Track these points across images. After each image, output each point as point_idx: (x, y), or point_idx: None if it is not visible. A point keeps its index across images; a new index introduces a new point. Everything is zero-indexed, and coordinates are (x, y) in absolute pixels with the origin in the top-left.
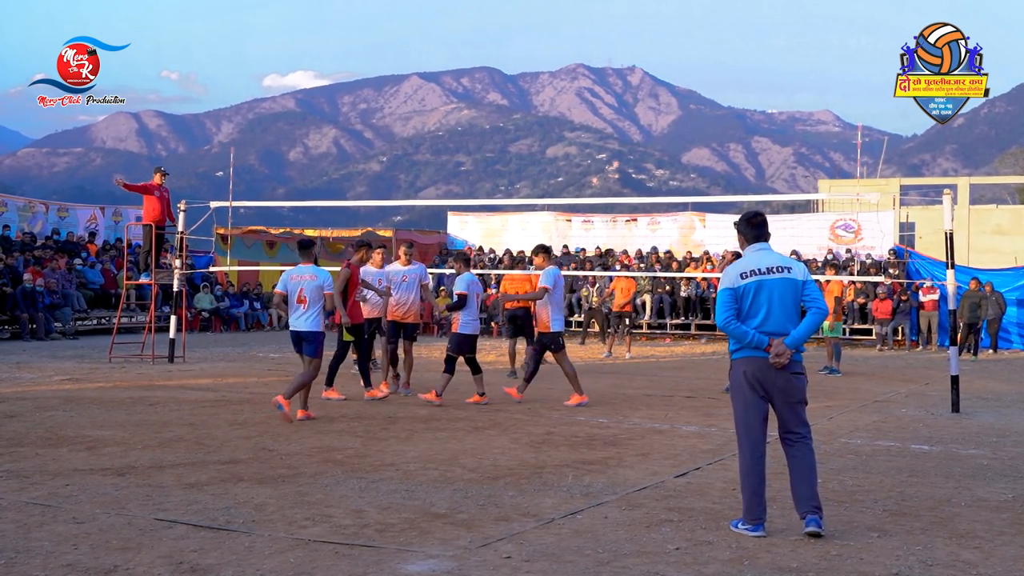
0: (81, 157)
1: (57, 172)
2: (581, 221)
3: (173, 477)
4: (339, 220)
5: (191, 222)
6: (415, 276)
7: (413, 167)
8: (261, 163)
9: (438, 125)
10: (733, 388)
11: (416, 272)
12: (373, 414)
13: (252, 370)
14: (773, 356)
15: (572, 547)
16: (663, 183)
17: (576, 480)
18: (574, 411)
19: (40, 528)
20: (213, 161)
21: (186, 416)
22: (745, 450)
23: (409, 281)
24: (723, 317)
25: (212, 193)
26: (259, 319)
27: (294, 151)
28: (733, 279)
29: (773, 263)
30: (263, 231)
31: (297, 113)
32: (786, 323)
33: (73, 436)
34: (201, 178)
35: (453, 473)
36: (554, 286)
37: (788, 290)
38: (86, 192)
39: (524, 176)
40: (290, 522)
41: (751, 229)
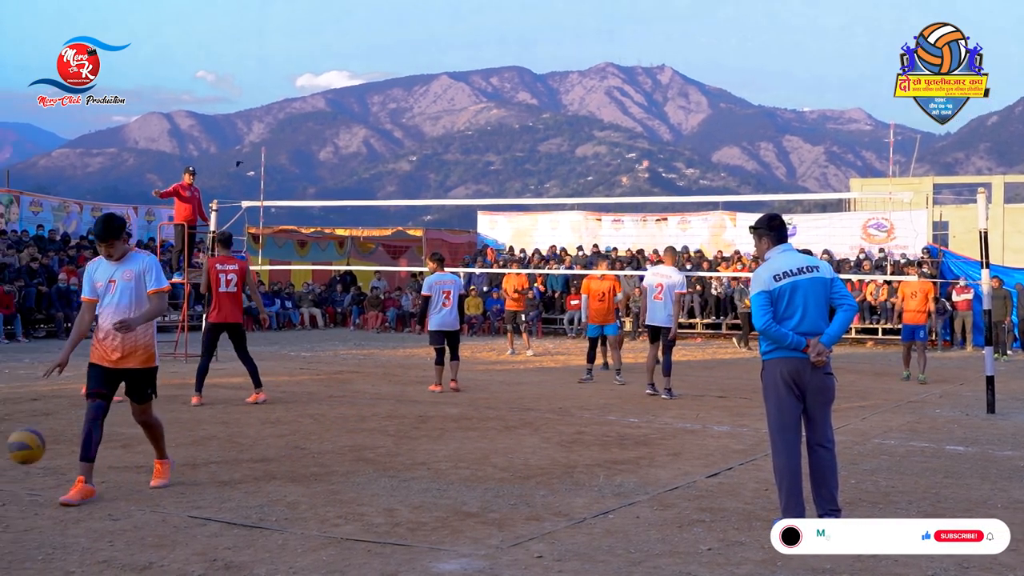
0: (114, 157)
1: (91, 172)
2: (611, 221)
3: (206, 475)
4: (369, 220)
5: (223, 221)
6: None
7: (443, 167)
8: (292, 163)
9: (467, 124)
10: (766, 389)
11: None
12: (405, 413)
13: (283, 369)
14: (814, 355)
15: (604, 547)
16: (693, 182)
17: (607, 480)
18: (604, 411)
19: (77, 525)
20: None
21: (219, 414)
22: (780, 451)
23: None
24: (762, 320)
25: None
26: (290, 318)
27: (324, 151)
28: (767, 282)
29: (802, 263)
30: (294, 231)
31: (327, 113)
32: (820, 322)
33: (108, 433)
34: (232, 178)
35: (484, 472)
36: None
37: (819, 289)
38: (119, 192)
39: (554, 175)
40: (322, 520)
41: (774, 231)
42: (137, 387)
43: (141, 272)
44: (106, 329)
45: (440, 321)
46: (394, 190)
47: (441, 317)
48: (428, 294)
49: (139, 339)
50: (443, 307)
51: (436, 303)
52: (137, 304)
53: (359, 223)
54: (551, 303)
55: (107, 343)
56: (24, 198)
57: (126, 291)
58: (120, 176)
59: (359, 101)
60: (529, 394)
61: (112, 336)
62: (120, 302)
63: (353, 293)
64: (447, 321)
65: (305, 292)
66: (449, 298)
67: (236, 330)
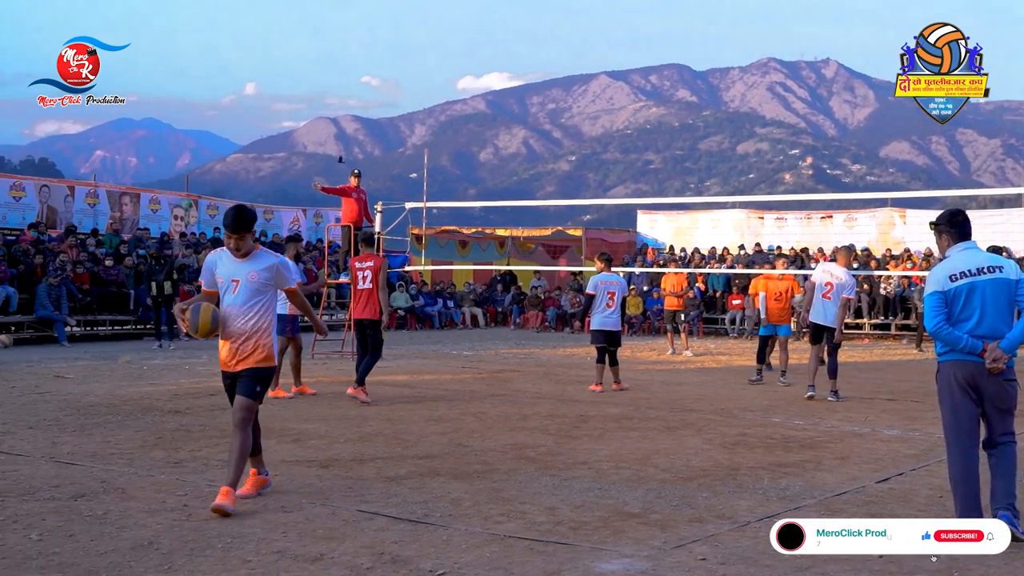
0: (284, 161)
1: (262, 176)
2: (774, 219)
3: (373, 470)
4: (528, 220)
5: (387, 222)
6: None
7: (602, 166)
8: (453, 164)
9: (627, 123)
10: (941, 392)
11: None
12: (565, 412)
13: (447, 368)
14: (989, 361)
15: (769, 551)
16: (860, 178)
17: (772, 482)
18: (768, 412)
19: (252, 516)
20: (407, 163)
21: (384, 412)
22: (956, 456)
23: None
24: (934, 322)
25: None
26: (452, 317)
27: (485, 152)
28: (942, 282)
29: (983, 263)
30: (456, 231)
31: (487, 114)
32: (1000, 326)
33: (280, 429)
34: (396, 180)
35: (646, 473)
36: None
37: (1001, 291)
38: (289, 195)
39: (714, 173)
40: (485, 517)
41: (955, 227)
42: (246, 381)
43: (271, 273)
44: (227, 331)
45: (602, 321)
46: (553, 190)
47: (604, 317)
48: (592, 293)
49: (260, 339)
50: (607, 307)
51: (600, 303)
52: (260, 308)
53: (519, 223)
54: (712, 303)
55: (229, 347)
56: (202, 202)
57: (249, 292)
58: (289, 179)
59: (519, 102)
60: (690, 394)
61: (234, 340)
62: (240, 303)
63: (513, 292)
64: (610, 321)
65: (466, 292)
66: (613, 299)
67: (371, 326)
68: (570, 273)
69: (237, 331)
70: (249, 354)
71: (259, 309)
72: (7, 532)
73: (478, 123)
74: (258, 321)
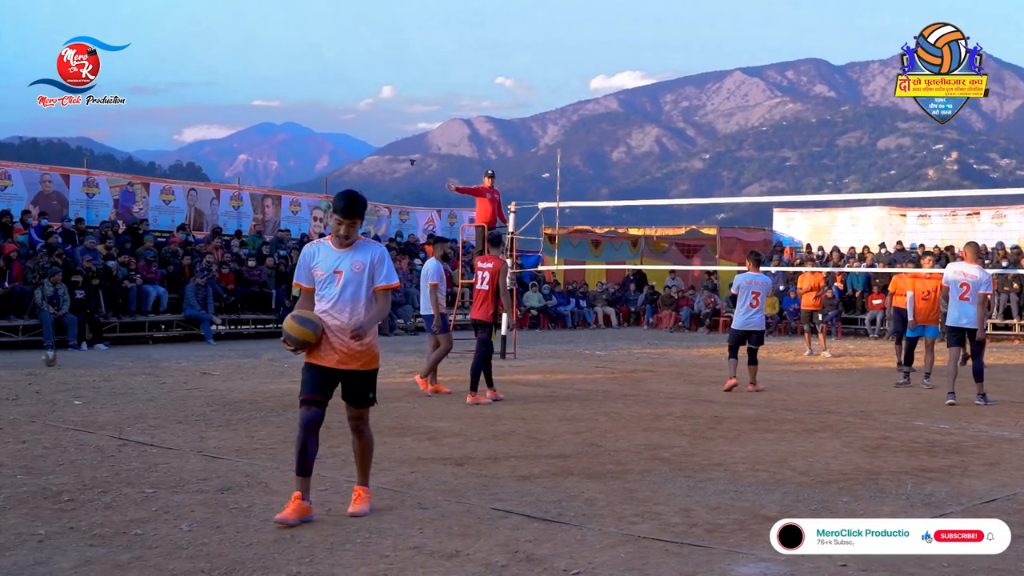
0: (418, 163)
1: (397, 178)
2: (917, 216)
3: (507, 468)
4: (661, 219)
5: (520, 222)
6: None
7: (736, 164)
8: (585, 164)
9: (762, 120)
10: None
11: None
12: (699, 413)
13: (579, 367)
14: None
15: (912, 558)
16: (1009, 173)
17: (916, 488)
18: (911, 415)
19: (389, 512)
20: (539, 163)
21: (518, 411)
22: None
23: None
24: None
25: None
26: (585, 317)
27: (617, 151)
28: None
29: None
30: (588, 230)
31: (620, 113)
32: None
33: (416, 426)
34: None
35: (783, 475)
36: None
37: None
38: (423, 196)
39: (853, 170)
40: (619, 517)
41: None
42: (356, 389)
43: (372, 264)
44: (329, 326)
45: (745, 321)
46: (687, 188)
47: (747, 317)
48: (735, 292)
49: (366, 339)
50: (750, 307)
51: (743, 302)
52: (365, 301)
53: (652, 222)
54: (851, 303)
55: (331, 342)
56: None
57: (353, 285)
58: (424, 180)
59: (651, 100)
60: (828, 396)
61: (337, 335)
62: (343, 296)
63: (646, 292)
64: (752, 321)
65: (599, 291)
66: (757, 298)
67: (481, 327)
68: (704, 272)
69: (340, 327)
70: (355, 354)
71: (364, 302)
72: (159, 523)
73: (610, 122)
74: (363, 316)
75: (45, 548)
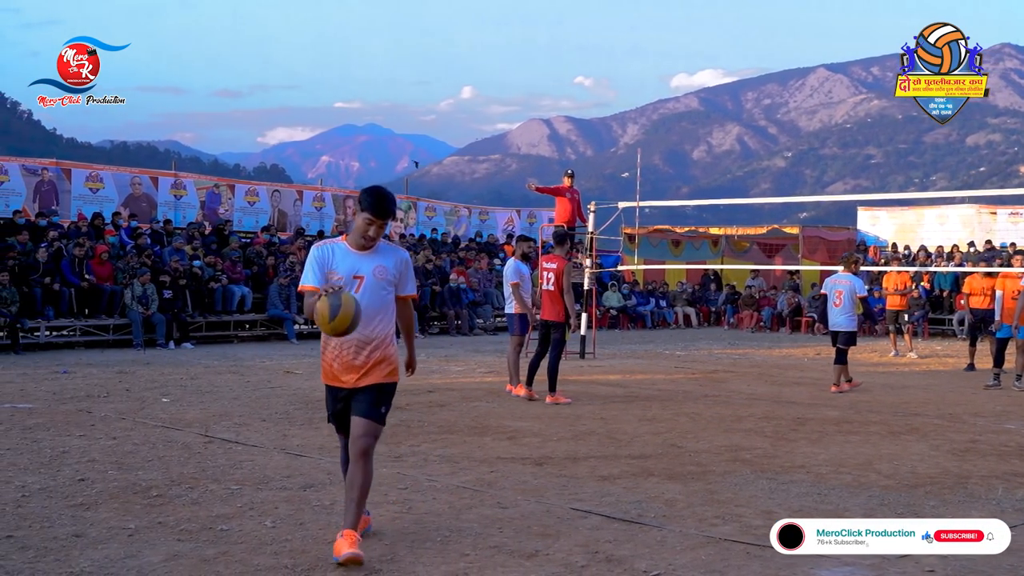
0: (498, 163)
1: (477, 178)
2: (1008, 214)
3: (587, 469)
4: (743, 218)
5: (600, 222)
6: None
7: (819, 162)
8: (665, 163)
9: (846, 117)
10: None
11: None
12: (781, 414)
13: (659, 368)
14: None
15: (1004, 565)
16: None
17: (1007, 493)
18: (1001, 418)
19: (469, 511)
20: (619, 162)
21: (597, 411)
22: None
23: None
24: None
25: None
26: (664, 317)
27: (698, 150)
28: None
29: None
30: (668, 230)
31: (700, 112)
32: None
33: (496, 426)
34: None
35: (867, 478)
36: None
37: None
38: (503, 196)
39: (941, 167)
40: (700, 519)
41: None
42: (369, 399)
43: (399, 271)
44: (345, 338)
45: (832, 321)
46: (768, 187)
47: (832, 317)
48: (823, 292)
49: (387, 348)
50: (834, 306)
51: (829, 302)
52: (384, 310)
53: (733, 221)
54: (939, 303)
55: (345, 358)
56: (420, 204)
57: (376, 291)
58: (503, 180)
59: (733, 98)
60: (915, 398)
61: (355, 349)
62: (364, 304)
63: (727, 292)
64: (838, 321)
65: (679, 291)
66: (840, 297)
67: (555, 327)
68: (786, 272)
69: (359, 338)
70: (374, 366)
71: (386, 311)
72: (244, 519)
73: (691, 121)
74: (385, 326)
75: (135, 542)
